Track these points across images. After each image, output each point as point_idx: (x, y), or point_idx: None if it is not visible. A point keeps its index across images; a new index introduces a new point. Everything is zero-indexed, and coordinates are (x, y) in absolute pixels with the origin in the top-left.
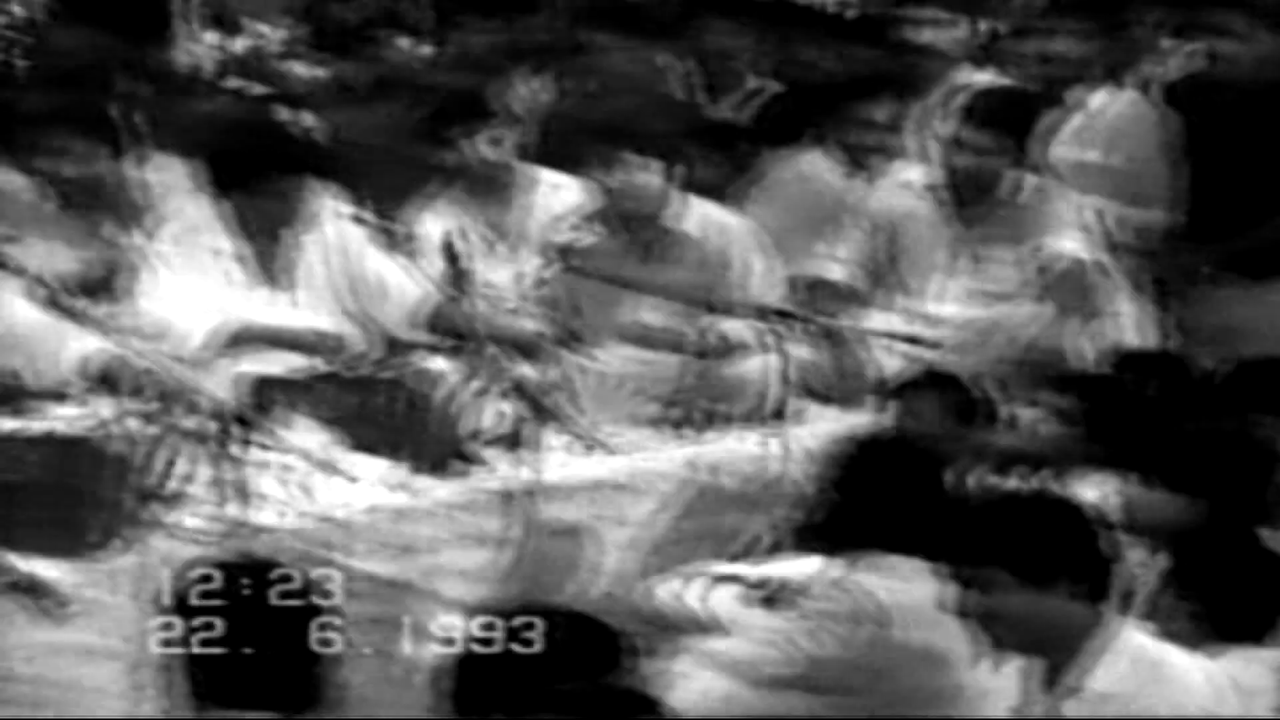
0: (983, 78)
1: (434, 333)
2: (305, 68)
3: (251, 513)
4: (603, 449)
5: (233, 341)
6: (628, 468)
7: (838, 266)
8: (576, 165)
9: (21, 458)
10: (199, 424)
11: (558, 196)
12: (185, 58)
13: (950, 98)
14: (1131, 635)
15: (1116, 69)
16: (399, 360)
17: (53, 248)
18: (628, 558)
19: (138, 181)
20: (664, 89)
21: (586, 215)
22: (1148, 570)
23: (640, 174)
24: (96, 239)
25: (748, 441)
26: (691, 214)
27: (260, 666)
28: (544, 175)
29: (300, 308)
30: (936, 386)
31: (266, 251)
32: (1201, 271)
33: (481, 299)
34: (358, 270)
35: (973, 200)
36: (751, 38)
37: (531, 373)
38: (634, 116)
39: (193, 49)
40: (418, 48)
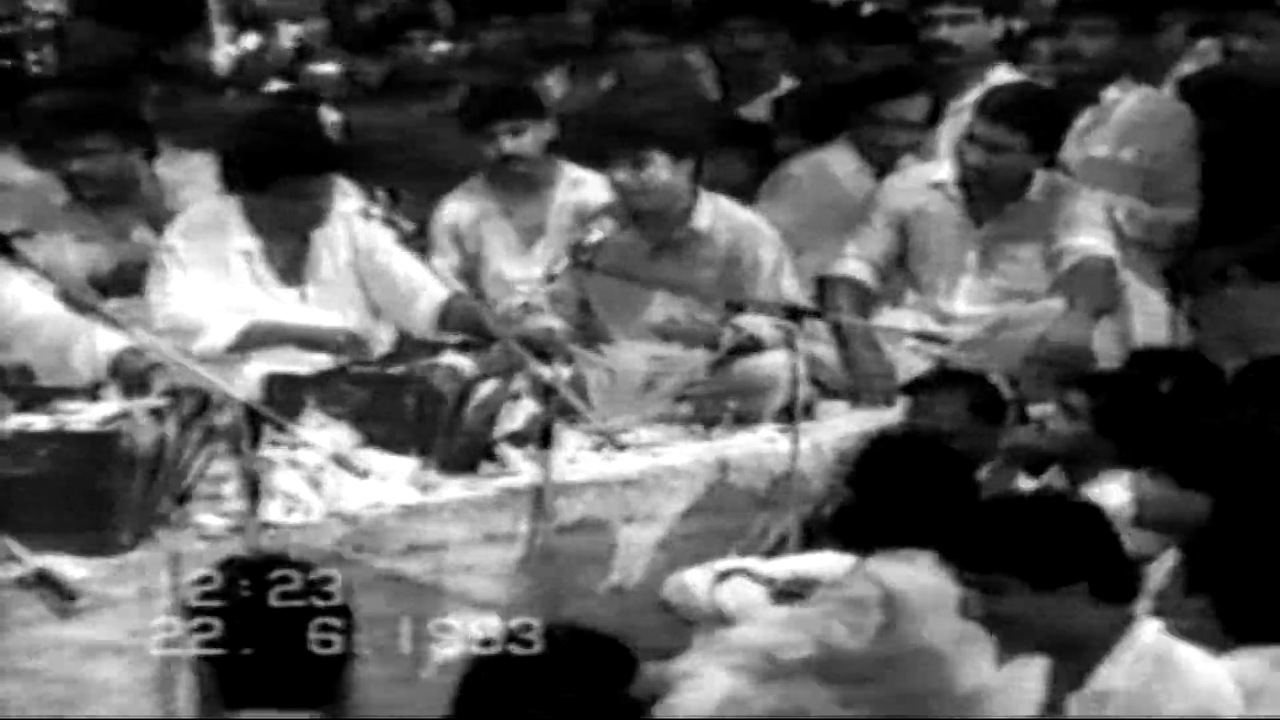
0: (1013, 77)
1: (456, 331)
2: (326, 65)
3: (273, 511)
4: (618, 446)
5: (260, 341)
6: (644, 465)
7: (860, 264)
8: (601, 162)
9: (31, 452)
10: (220, 421)
11: (578, 192)
12: (207, 55)
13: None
14: (1139, 632)
15: (1141, 67)
16: (422, 359)
17: (73, 244)
18: (644, 554)
19: (160, 179)
20: (689, 87)
21: (600, 212)
22: (1160, 566)
23: (664, 172)
24: (119, 236)
25: (765, 438)
26: (714, 212)
27: (273, 665)
28: (567, 170)
29: (323, 306)
30: (956, 384)
31: (289, 250)
32: (1216, 269)
33: (501, 296)
34: (382, 268)
35: (992, 197)
36: (777, 36)
37: (547, 370)
38: (659, 114)
39: (214, 47)
40: (438, 45)
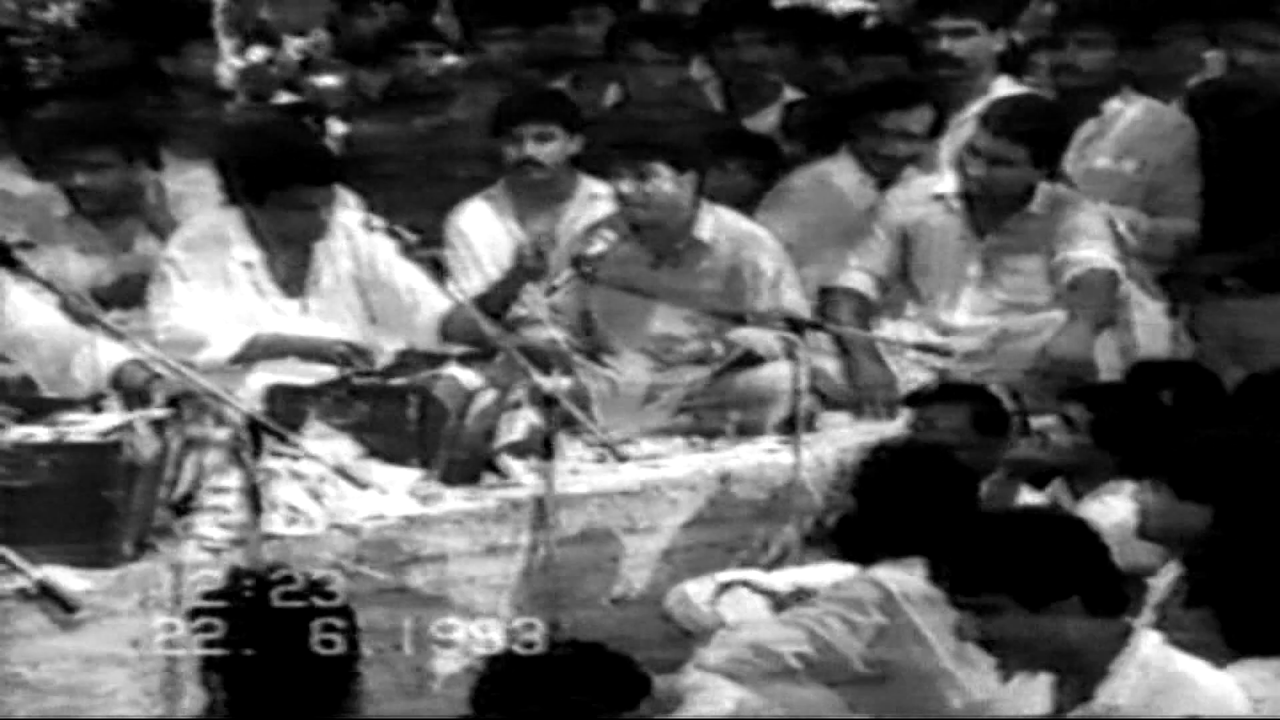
0: (1015, 89)
1: (458, 342)
2: (328, 77)
3: (275, 523)
4: (620, 458)
5: (262, 352)
6: (645, 476)
7: (862, 276)
8: (605, 174)
9: (33, 463)
10: (222, 433)
11: (593, 208)
12: (211, 67)
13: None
14: (1141, 645)
15: (1150, 80)
16: (424, 370)
17: (75, 256)
18: (645, 565)
19: (161, 191)
20: (693, 99)
21: (602, 223)
22: (1161, 579)
23: (667, 184)
24: (121, 248)
25: (767, 450)
26: (715, 223)
27: (274, 672)
28: (586, 185)
29: (324, 317)
30: (958, 398)
31: (290, 261)
32: (1210, 276)
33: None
34: (384, 279)
35: (994, 210)
36: (781, 48)
37: (549, 382)
38: (662, 127)
39: (220, 60)
40: (443, 58)
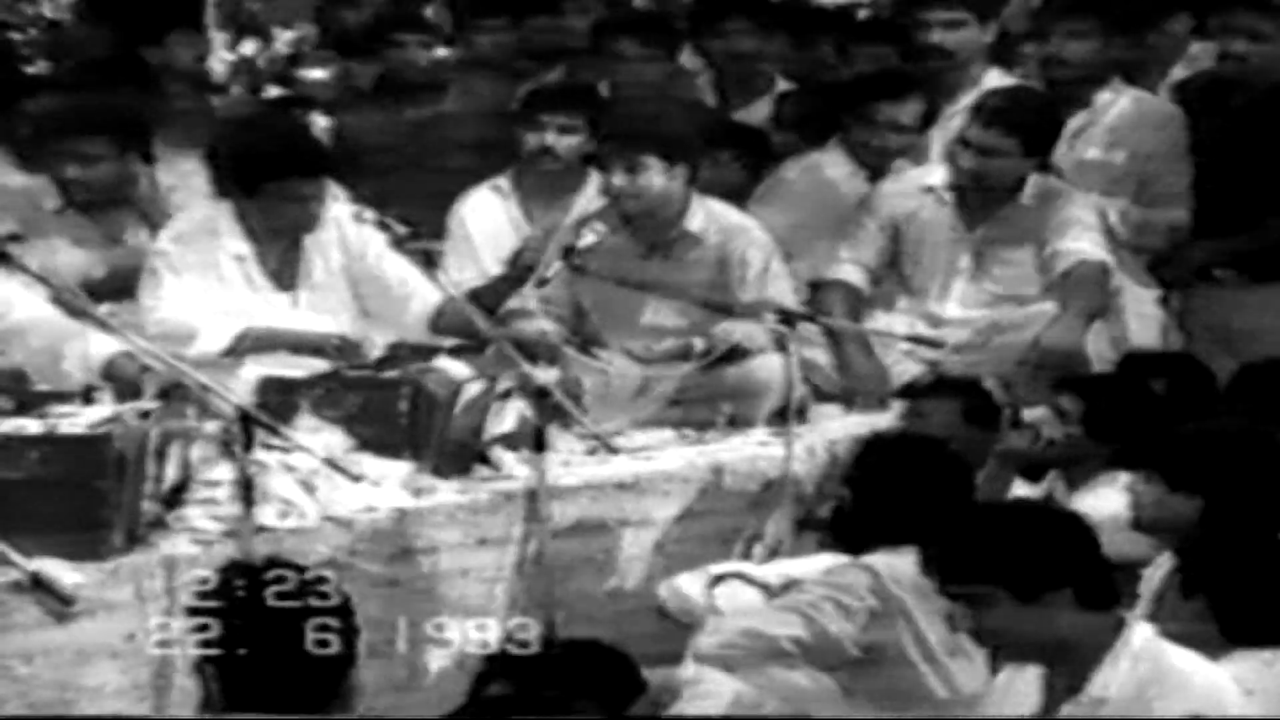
0: (1006, 81)
1: (449, 334)
2: (317, 70)
3: (267, 515)
4: (612, 450)
5: (253, 345)
6: (637, 469)
7: (853, 268)
8: (596, 167)
9: (23, 455)
10: (213, 425)
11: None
12: (200, 59)
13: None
14: (1132, 637)
15: (1135, 69)
16: (416, 363)
17: (66, 248)
18: (638, 558)
19: (154, 183)
20: (684, 92)
21: (592, 215)
22: (1155, 570)
23: (658, 177)
24: (112, 240)
25: (759, 442)
26: (705, 214)
27: (269, 668)
28: (596, 181)
29: (315, 310)
30: (950, 391)
31: (281, 254)
32: (1199, 265)
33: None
34: (374, 272)
35: (985, 201)
36: (773, 40)
37: (540, 374)
38: (653, 120)
39: (211, 53)
40: (434, 49)
